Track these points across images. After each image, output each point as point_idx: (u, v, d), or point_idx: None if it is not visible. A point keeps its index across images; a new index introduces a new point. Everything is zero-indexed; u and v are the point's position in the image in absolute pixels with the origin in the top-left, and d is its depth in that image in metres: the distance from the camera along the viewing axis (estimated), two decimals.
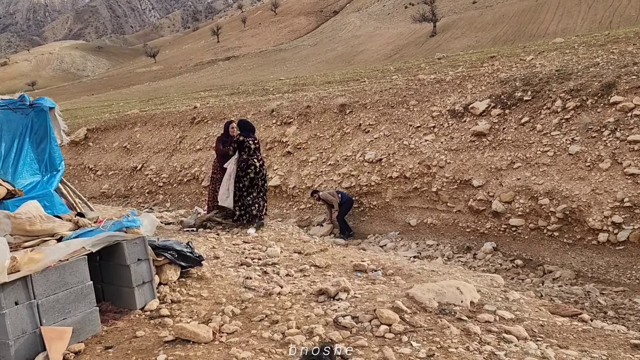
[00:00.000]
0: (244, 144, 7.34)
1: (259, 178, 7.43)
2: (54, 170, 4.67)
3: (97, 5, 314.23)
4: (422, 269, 5.07)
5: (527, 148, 9.47)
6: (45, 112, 4.61)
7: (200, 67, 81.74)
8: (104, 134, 19.99)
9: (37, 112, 4.59)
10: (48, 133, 4.62)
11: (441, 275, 4.87)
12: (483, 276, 4.95)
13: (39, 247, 3.69)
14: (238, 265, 5.45)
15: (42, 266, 3.38)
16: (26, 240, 3.79)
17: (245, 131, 7.51)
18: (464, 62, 15.92)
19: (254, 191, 7.42)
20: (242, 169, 7.34)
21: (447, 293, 3.88)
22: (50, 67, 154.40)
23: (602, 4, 57.04)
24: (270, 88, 20.59)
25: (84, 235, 3.91)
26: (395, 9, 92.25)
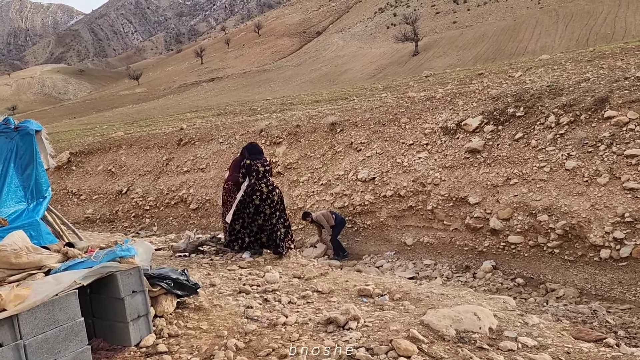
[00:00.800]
0: (251, 168, 6.84)
1: (266, 205, 6.78)
2: (41, 197, 4.36)
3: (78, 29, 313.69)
4: (430, 292, 4.85)
5: (522, 164, 9.38)
6: (31, 136, 4.32)
7: (185, 88, 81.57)
8: (88, 157, 19.57)
9: (22, 136, 4.30)
10: (34, 158, 4.32)
11: (452, 298, 4.65)
12: (495, 299, 4.75)
13: (26, 281, 3.40)
14: (236, 292, 5.17)
15: (30, 304, 3.08)
16: (11, 274, 3.48)
17: (253, 154, 7.00)
18: (452, 79, 15.97)
19: (259, 219, 6.81)
20: (248, 195, 6.81)
21: (464, 319, 3.66)
22: (31, 91, 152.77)
23: (579, 22, 58.58)
24: (257, 108, 20.44)
25: (74, 267, 3.61)
26: (377, 29, 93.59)
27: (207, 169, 15.72)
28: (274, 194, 6.87)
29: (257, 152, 7.06)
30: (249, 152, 7.02)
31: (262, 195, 6.77)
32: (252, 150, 7.07)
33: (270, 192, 6.82)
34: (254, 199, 6.77)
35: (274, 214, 6.84)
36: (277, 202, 6.91)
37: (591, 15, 60.61)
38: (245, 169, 6.84)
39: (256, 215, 6.81)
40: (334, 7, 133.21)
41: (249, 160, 6.85)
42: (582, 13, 62.20)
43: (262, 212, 6.79)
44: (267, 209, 6.79)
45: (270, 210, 6.80)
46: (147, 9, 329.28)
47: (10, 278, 3.44)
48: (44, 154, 4.46)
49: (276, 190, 6.96)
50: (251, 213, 6.81)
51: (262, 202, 6.77)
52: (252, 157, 6.90)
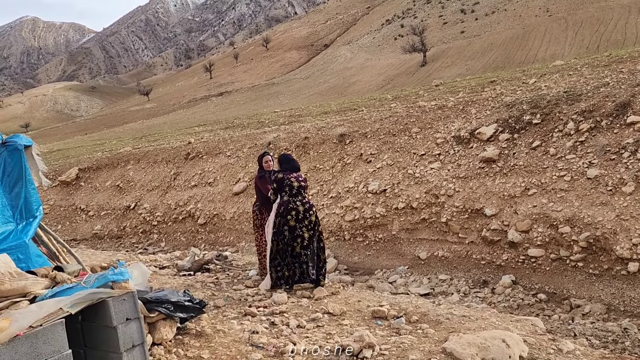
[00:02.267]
0: (283, 182, 5.75)
1: (303, 227, 5.68)
2: (30, 216, 4.08)
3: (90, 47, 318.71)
4: (450, 313, 4.48)
5: (541, 173, 8.99)
6: (20, 152, 4.05)
7: (194, 103, 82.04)
8: (96, 173, 19.45)
9: (10, 152, 4.01)
10: (23, 175, 4.03)
11: (474, 321, 4.28)
12: (522, 320, 4.37)
13: (7, 311, 3.09)
14: (242, 315, 4.84)
15: (8, 335, 2.78)
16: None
17: (286, 165, 5.92)
18: (463, 87, 15.64)
19: (296, 245, 5.67)
20: (281, 215, 5.69)
21: (491, 347, 3.30)
22: (44, 109, 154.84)
23: (589, 29, 58.09)
24: (265, 120, 20.23)
25: (61, 293, 3.31)
26: (385, 41, 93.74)
27: (214, 183, 15.47)
28: (311, 213, 5.81)
29: (290, 163, 5.98)
30: (281, 164, 5.97)
31: (299, 215, 5.71)
32: (284, 161, 6.00)
33: (307, 211, 5.77)
34: (288, 219, 5.69)
35: (313, 237, 5.81)
36: (315, 222, 5.89)
37: (601, 22, 60.08)
38: (277, 184, 5.78)
39: (293, 240, 5.71)
40: (341, 20, 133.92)
41: (282, 174, 5.80)
42: (592, 20, 61.69)
43: (300, 237, 5.70)
44: (304, 231, 5.72)
45: (308, 234, 5.74)
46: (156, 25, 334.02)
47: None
48: (34, 170, 4.19)
49: (313, 209, 5.90)
50: (286, 238, 5.72)
51: (298, 223, 5.70)
52: (285, 170, 5.85)
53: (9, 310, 3.12)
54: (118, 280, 3.44)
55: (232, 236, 13.69)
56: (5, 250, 3.65)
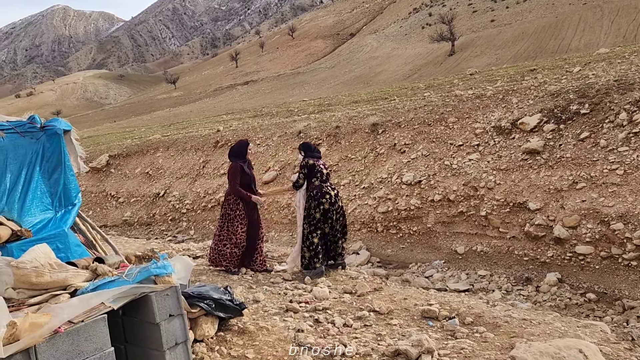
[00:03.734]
0: (315, 168, 5.94)
1: (333, 211, 5.90)
2: (69, 204, 3.90)
3: (119, 36, 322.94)
4: (509, 316, 4.16)
5: (590, 166, 8.51)
6: (59, 136, 3.86)
7: (220, 92, 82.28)
8: (126, 160, 19.54)
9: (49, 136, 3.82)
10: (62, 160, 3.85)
11: (536, 325, 3.95)
12: (590, 326, 4.02)
13: (47, 304, 2.92)
14: (283, 311, 4.61)
15: (47, 331, 2.59)
16: (32, 295, 3.01)
17: (311, 152, 6.11)
18: (501, 76, 15.07)
19: (326, 227, 5.88)
20: (314, 199, 5.86)
21: (567, 358, 2.98)
22: (74, 96, 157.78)
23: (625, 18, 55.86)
24: (294, 109, 19.97)
25: (103, 287, 3.12)
26: (412, 30, 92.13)
27: None
28: (338, 198, 6.11)
29: (315, 150, 6.23)
30: (307, 151, 6.14)
31: (331, 199, 5.93)
32: (309, 148, 6.20)
33: (337, 196, 6.06)
34: (322, 202, 5.86)
35: (339, 220, 6.06)
36: (342, 207, 6.21)
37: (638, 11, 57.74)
38: (308, 170, 5.93)
39: (324, 223, 5.91)
40: (367, 9, 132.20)
41: (312, 160, 5.97)
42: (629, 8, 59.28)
43: (330, 219, 5.92)
44: (334, 214, 5.95)
45: (336, 216, 5.98)
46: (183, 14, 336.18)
47: (30, 300, 2.97)
48: (73, 156, 4.01)
49: (339, 195, 6.22)
50: (316, 220, 5.89)
51: (331, 206, 5.91)
52: (312, 156, 6.05)
53: (49, 303, 2.94)
54: (161, 274, 3.23)
55: None
56: (44, 240, 3.49)
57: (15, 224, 3.50)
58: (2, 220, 3.44)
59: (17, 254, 3.29)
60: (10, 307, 2.90)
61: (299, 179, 5.98)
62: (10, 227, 3.42)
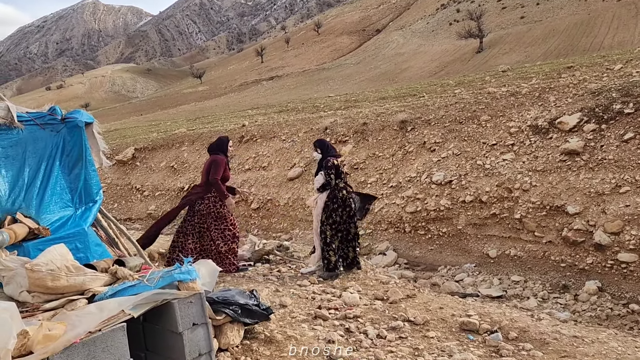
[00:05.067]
0: (339, 170, 5.73)
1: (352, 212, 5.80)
2: (90, 201, 3.71)
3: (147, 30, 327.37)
4: (557, 332, 3.82)
5: (635, 169, 8.02)
6: (81, 129, 3.66)
7: (245, 87, 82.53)
8: (152, 153, 19.57)
9: (70, 129, 3.63)
10: (83, 155, 3.65)
11: (589, 344, 3.61)
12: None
13: (63, 310, 2.72)
14: (312, 318, 4.35)
15: (63, 344, 2.39)
16: (47, 300, 2.82)
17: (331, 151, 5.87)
18: (535, 73, 14.51)
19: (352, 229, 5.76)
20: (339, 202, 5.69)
21: None
22: (102, 90, 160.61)
23: None
24: (320, 105, 19.69)
25: (123, 292, 2.91)
26: (439, 26, 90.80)
27: (269, 167, 15.13)
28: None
29: (332, 148, 6.00)
30: (323, 148, 5.86)
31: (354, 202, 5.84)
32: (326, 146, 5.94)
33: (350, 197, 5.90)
34: (349, 203, 5.77)
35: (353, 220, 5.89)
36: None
37: None
38: (336, 171, 5.70)
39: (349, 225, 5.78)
40: (394, 4, 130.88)
41: (336, 160, 5.75)
42: None
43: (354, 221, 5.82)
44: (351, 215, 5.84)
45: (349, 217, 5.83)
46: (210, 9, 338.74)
47: (45, 305, 2.77)
48: (95, 150, 3.81)
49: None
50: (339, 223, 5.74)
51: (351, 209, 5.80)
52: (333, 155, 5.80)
53: (65, 310, 2.74)
54: (185, 280, 3.01)
55: (285, 222, 13.33)
56: (62, 239, 3.30)
57: (33, 222, 3.32)
58: (20, 217, 3.27)
59: (34, 254, 3.11)
60: (24, 312, 2.72)
61: (330, 180, 5.67)
62: (27, 225, 3.25)
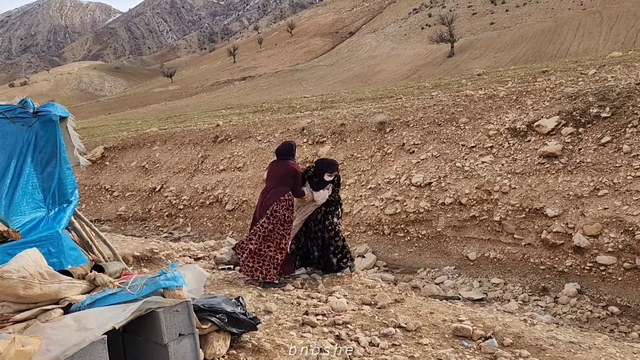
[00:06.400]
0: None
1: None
2: (65, 201, 3.42)
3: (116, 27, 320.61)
4: (553, 338, 3.74)
5: (613, 172, 8.12)
6: (55, 124, 3.38)
7: (217, 86, 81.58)
8: (122, 153, 19.01)
9: (43, 124, 3.32)
10: (58, 151, 3.36)
11: (586, 350, 3.53)
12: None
13: (36, 321, 2.46)
14: (299, 325, 4.17)
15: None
16: (19, 310, 2.55)
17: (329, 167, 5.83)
18: (511, 77, 14.68)
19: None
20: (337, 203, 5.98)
21: None
22: (68, 87, 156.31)
23: (624, 24, 55.75)
24: (297, 105, 19.50)
25: (102, 300, 2.66)
26: (411, 30, 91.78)
27: (244, 168, 14.85)
28: None
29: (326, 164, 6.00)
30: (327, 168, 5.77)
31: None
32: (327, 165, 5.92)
33: None
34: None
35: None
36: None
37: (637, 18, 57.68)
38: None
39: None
40: (367, 8, 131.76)
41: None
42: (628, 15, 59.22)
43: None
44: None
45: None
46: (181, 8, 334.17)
47: (16, 316, 2.50)
48: (70, 147, 3.53)
49: None
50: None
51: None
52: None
53: (38, 321, 2.48)
54: (170, 287, 2.78)
55: None
56: (34, 243, 3.02)
57: (2, 224, 3.04)
58: None
59: (3, 259, 2.82)
60: None
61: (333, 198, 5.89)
62: None
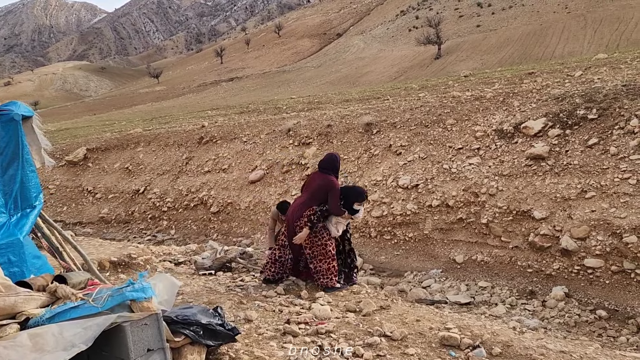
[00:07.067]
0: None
1: None
2: (28, 206, 3.20)
3: (101, 27, 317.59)
4: (543, 347, 3.61)
5: (600, 174, 8.06)
6: (17, 123, 3.16)
7: (204, 87, 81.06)
8: (105, 154, 18.65)
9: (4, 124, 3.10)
10: (20, 153, 3.14)
11: (577, 359, 3.40)
12: None
13: None
14: (281, 334, 3.99)
15: None
16: None
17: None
18: (497, 79, 14.65)
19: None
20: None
21: None
22: (53, 87, 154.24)
23: (608, 28, 56.49)
24: (283, 106, 19.32)
25: (63, 315, 2.47)
26: (399, 32, 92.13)
27: (229, 170, 14.63)
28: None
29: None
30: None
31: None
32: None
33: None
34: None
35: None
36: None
37: (621, 21, 58.52)
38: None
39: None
40: (355, 9, 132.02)
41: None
42: (612, 18, 60.08)
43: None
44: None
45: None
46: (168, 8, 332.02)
47: None
48: (35, 148, 3.32)
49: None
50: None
51: None
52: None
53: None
54: (138, 299, 2.59)
55: (246, 227, 12.88)
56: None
57: None
58: None
59: None
60: None
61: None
62: None
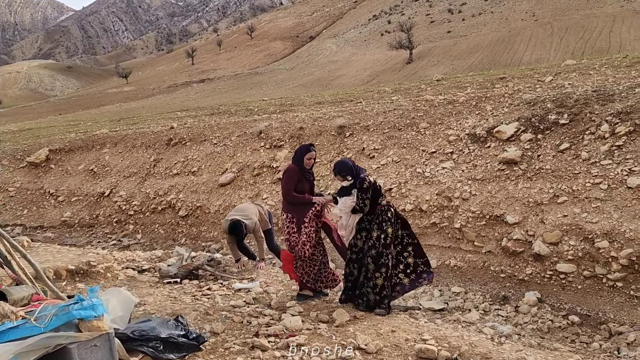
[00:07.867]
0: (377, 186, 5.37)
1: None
2: None
3: (68, 26, 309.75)
4: (523, 358, 3.47)
5: (572, 179, 8.08)
6: None
7: (174, 88, 79.83)
8: (69, 155, 17.97)
9: None
10: None
11: None
12: None
13: None
14: (249, 348, 3.74)
15: None
16: None
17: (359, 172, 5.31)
18: (469, 83, 14.72)
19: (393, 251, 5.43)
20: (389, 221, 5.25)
21: None
22: (17, 86, 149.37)
23: (574, 36, 58.23)
24: (254, 108, 19.02)
25: (1, 335, 2.17)
26: (371, 36, 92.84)
27: (198, 172, 14.26)
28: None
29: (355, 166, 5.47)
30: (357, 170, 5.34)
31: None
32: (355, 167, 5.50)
33: None
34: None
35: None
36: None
37: (586, 30, 60.44)
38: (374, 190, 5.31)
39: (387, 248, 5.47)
40: (328, 13, 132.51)
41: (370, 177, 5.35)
42: (577, 27, 62.00)
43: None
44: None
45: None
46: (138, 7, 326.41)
47: None
48: None
49: None
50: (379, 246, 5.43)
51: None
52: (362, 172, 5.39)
53: None
54: (87, 318, 2.31)
55: (215, 231, 12.54)
56: None
57: None
58: None
59: None
60: None
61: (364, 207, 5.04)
62: None
